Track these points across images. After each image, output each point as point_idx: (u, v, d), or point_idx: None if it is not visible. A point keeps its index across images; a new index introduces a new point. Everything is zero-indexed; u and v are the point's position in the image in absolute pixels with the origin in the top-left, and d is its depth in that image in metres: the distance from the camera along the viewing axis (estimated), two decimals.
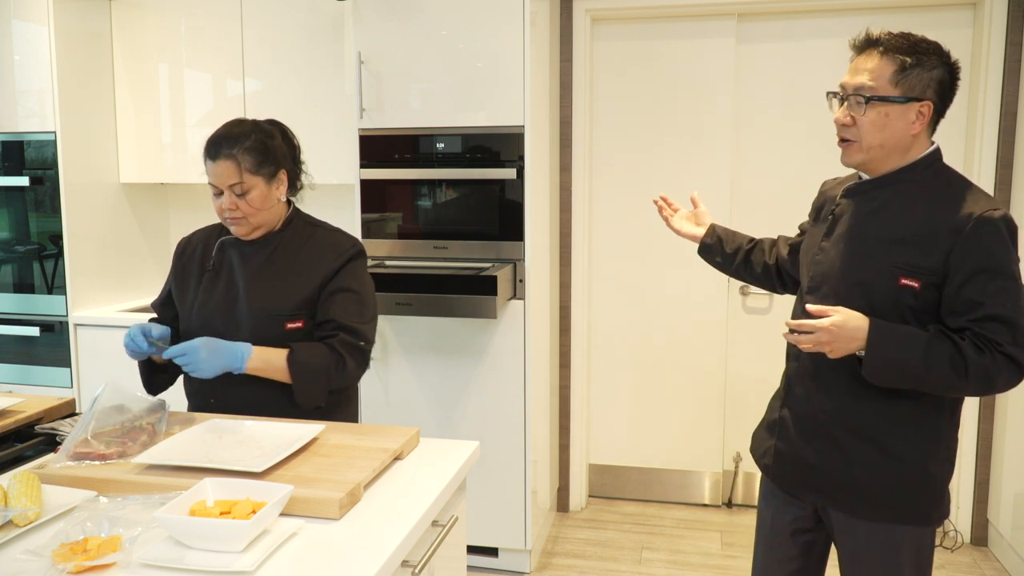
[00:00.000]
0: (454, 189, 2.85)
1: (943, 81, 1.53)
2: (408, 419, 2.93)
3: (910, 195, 1.53)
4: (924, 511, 1.56)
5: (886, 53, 1.51)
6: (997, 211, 1.46)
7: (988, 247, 1.44)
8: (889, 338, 1.46)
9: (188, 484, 1.30)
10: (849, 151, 1.56)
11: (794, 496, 1.69)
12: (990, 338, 1.43)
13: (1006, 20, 2.95)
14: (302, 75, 3.22)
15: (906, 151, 1.54)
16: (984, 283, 1.44)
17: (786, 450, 1.67)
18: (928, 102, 1.52)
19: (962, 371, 1.43)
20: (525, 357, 2.83)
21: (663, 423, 3.55)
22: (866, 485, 1.56)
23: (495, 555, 2.99)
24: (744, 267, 1.93)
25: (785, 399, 1.70)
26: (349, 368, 1.77)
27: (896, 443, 1.54)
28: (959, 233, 1.45)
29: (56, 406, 1.85)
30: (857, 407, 1.55)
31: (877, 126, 1.51)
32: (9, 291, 3.34)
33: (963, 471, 3.17)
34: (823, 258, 1.62)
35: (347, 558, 1.17)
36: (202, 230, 1.97)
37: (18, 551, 1.16)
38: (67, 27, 3.19)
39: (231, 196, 1.74)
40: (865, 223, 1.56)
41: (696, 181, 3.39)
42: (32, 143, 3.23)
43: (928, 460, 1.55)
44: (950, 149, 3.18)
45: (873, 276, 1.51)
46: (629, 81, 3.41)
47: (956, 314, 1.47)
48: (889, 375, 1.47)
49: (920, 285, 1.47)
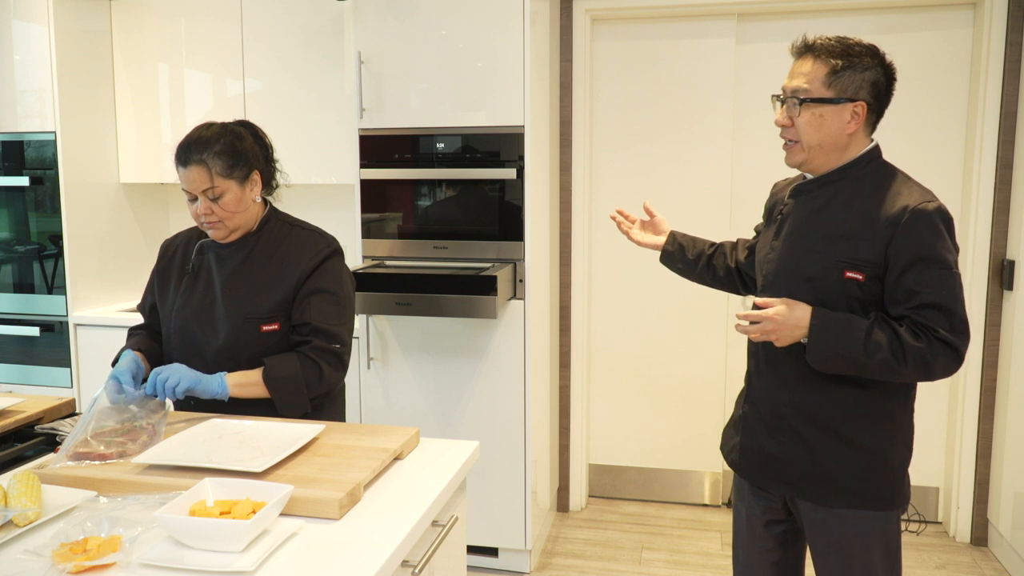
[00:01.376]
0: (454, 189, 2.85)
1: (877, 82, 1.59)
2: (408, 419, 2.93)
3: (851, 192, 1.60)
4: (887, 496, 1.61)
5: (819, 57, 1.58)
6: (932, 203, 1.52)
7: (923, 238, 1.50)
8: (830, 325, 1.52)
9: (188, 484, 1.30)
10: (791, 151, 1.63)
11: (763, 489, 1.74)
12: (927, 324, 1.49)
13: (1006, 20, 2.95)
14: (302, 75, 3.22)
15: (844, 150, 1.61)
16: (920, 272, 1.50)
17: (751, 444, 1.73)
18: (862, 102, 1.58)
19: (900, 356, 1.49)
20: (525, 357, 2.83)
21: (663, 423, 3.55)
22: (830, 473, 1.61)
23: (495, 555, 2.99)
24: (707, 271, 1.99)
25: (748, 395, 1.77)
26: (325, 374, 1.77)
27: (855, 432, 1.60)
28: (896, 225, 1.51)
29: (56, 406, 1.85)
30: (814, 399, 1.61)
31: (813, 126, 1.58)
32: (9, 291, 3.34)
33: (963, 471, 3.17)
34: (773, 256, 1.69)
35: (347, 558, 1.17)
36: (184, 232, 1.96)
37: (18, 551, 1.16)
38: (67, 27, 3.19)
39: (205, 201, 1.74)
40: (810, 221, 1.63)
41: (696, 181, 3.39)
42: (32, 143, 3.23)
43: (887, 447, 1.61)
44: (950, 149, 3.18)
45: (820, 271, 1.57)
46: (629, 81, 3.41)
47: (896, 303, 1.53)
48: (832, 361, 1.53)
49: (864, 277, 1.53)
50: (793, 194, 1.70)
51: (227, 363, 1.77)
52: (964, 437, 3.16)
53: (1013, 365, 2.96)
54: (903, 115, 3.20)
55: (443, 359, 2.91)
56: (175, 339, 1.84)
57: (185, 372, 1.67)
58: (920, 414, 3.30)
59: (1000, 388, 3.08)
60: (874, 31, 3.19)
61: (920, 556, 3.08)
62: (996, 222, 3.04)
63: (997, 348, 3.08)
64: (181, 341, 1.83)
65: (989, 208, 3.05)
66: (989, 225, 3.05)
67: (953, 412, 3.23)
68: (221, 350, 1.78)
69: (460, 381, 2.90)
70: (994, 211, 3.04)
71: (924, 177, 3.22)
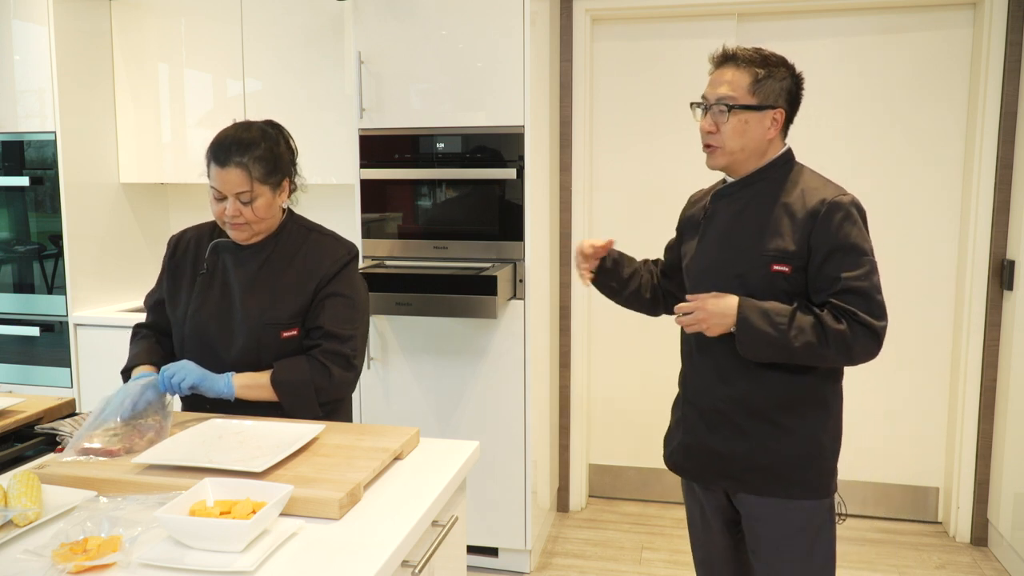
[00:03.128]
0: (454, 189, 2.85)
1: (791, 90, 1.68)
2: (408, 419, 2.93)
3: (770, 191, 1.69)
4: (818, 484, 1.68)
5: (740, 66, 1.67)
6: (846, 196, 1.63)
7: (841, 227, 1.59)
8: (756, 312, 1.59)
9: (188, 484, 1.30)
10: (713, 156, 1.71)
11: (706, 487, 1.81)
12: (847, 308, 1.57)
13: (1006, 20, 2.95)
14: (302, 75, 3.22)
15: (763, 154, 1.70)
16: (840, 260, 1.58)
17: (694, 443, 1.79)
18: (780, 109, 1.67)
19: (823, 339, 1.56)
20: (525, 357, 2.83)
21: (663, 423, 3.54)
22: (768, 464, 1.68)
23: (495, 555, 2.99)
24: (636, 293, 1.97)
25: (684, 396, 1.84)
26: (335, 377, 1.74)
27: (790, 419, 1.67)
28: (815, 217, 1.60)
29: (56, 406, 1.85)
30: (750, 389, 1.68)
31: (738, 132, 1.66)
32: (9, 291, 3.35)
33: (963, 471, 3.17)
34: (701, 258, 1.77)
35: (347, 558, 1.17)
36: (194, 228, 1.92)
37: (18, 551, 1.16)
38: (67, 27, 3.19)
39: (236, 203, 1.71)
40: (734, 221, 1.71)
41: (695, 181, 3.37)
42: (32, 143, 3.23)
43: (820, 433, 1.68)
44: (950, 149, 3.18)
45: (748, 267, 1.65)
46: (629, 81, 3.41)
47: (819, 291, 1.61)
48: (760, 346, 1.60)
49: (790, 269, 1.62)
50: (715, 198, 1.78)
51: (246, 368, 1.75)
52: (964, 437, 3.16)
53: (1013, 365, 2.96)
54: (903, 115, 3.20)
55: (443, 359, 2.91)
56: (190, 342, 1.81)
57: (192, 369, 1.67)
58: (920, 414, 3.33)
59: (1000, 388, 3.08)
60: (874, 31, 3.19)
61: (920, 556, 3.08)
62: (996, 222, 3.04)
63: (997, 348, 3.08)
64: (198, 344, 1.80)
65: (989, 208, 3.05)
66: (989, 225, 3.05)
67: (953, 412, 3.23)
68: (240, 355, 1.76)
69: (460, 381, 2.90)
70: (994, 211, 3.04)
71: (924, 177, 3.24)
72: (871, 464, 3.35)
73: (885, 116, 3.23)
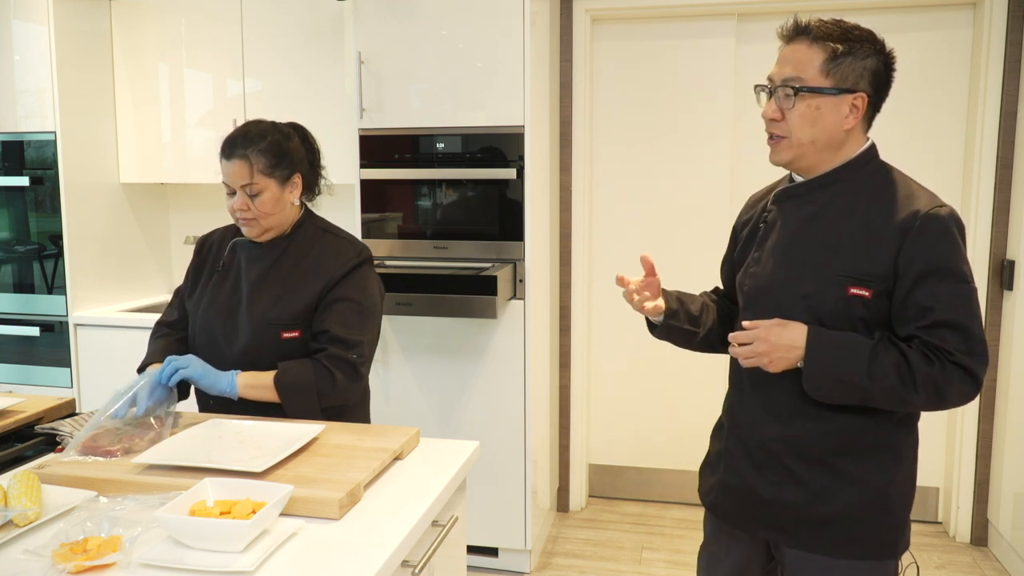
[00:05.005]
0: (454, 189, 2.85)
1: (877, 71, 1.41)
2: (408, 419, 2.93)
3: (849, 195, 1.40)
4: (885, 542, 1.42)
5: (816, 41, 1.38)
6: (944, 208, 1.34)
7: (937, 247, 1.32)
8: (830, 345, 1.34)
9: (188, 484, 1.30)
10: (778, 148, 1.43)
11: (745, 532, 1.55)
12: (940, 346, 1.31)
13: (1006, 20, 2.95)
14: (302, 75, 3.22)
15: (839, 148, 1.41)
16: (934, 286, 1.32)
17: (735, 483, 1.52)
18: (862, 94, 1.39)
19: (910, 383, 1.31)
20: (525, 357, 2.83)
21: (663, 423, 3.55)
22: (826, 517, 1.42)
23: (495, 555, 2.99)
24: (713, 331, 1.66)
25: (730, 429, 1.56)
26: (339, 383, 1.72)
27: (853, 467, 1.41)
28: (906, 233, 1.33)
29: (56, 406, 1.85)
30: (808, 431, 1.42)
31: (808, 120, 1.38)
32: (9, 291, 3.34)
33: (963, 471, 3.17)
34: (759, 270, 1.48)
35: (347, 558, 1.17)
36: (220, 229, 1.95)
37: (18, 551, 1.16)
38: (67, 27, 3.19)
39: (243, 196, 1.73)
40: (803, 229, 1.43)
41: (695, 181, 3.39)
42: (32, 143, 3.23)
43: (889, 485, 1.41)
44: (950, 149, 3.18)
45: (818, 287, 1.38)
46: (629, 81, 3.41)
47: (905, 321, 1.35)
48: (831, 387, 1.35)
49: (871, 294, 1.35)
50: (778, 199, 1.49)
51: (247, 367, 1.75)
52: (964, 437, 3.16)
53: (1013, 365, 2.96)
54: (903, 115, 3.20)
55: (443, 359, 2.91)
56: (199, 337, 1.82)
57: (195, 364, 1.67)
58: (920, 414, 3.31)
59: (1000, 388, 3.08)
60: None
61: (920, 556, 3.08)
62: (996, 222, 3.04)
63: (997, 348, 3.08)
64: (204, 339, 1.81)
65: (989, 208, 3.05)
66: (989, 225, 3.05)
67: (953, 412, 3.23)
68: (241, 353, 1.76)
69: (460, 381, 2.90)
70: (994, 211, 3.04)
71: (924, 177, 3.23)
72: None
73: (885, 116, 3.20)
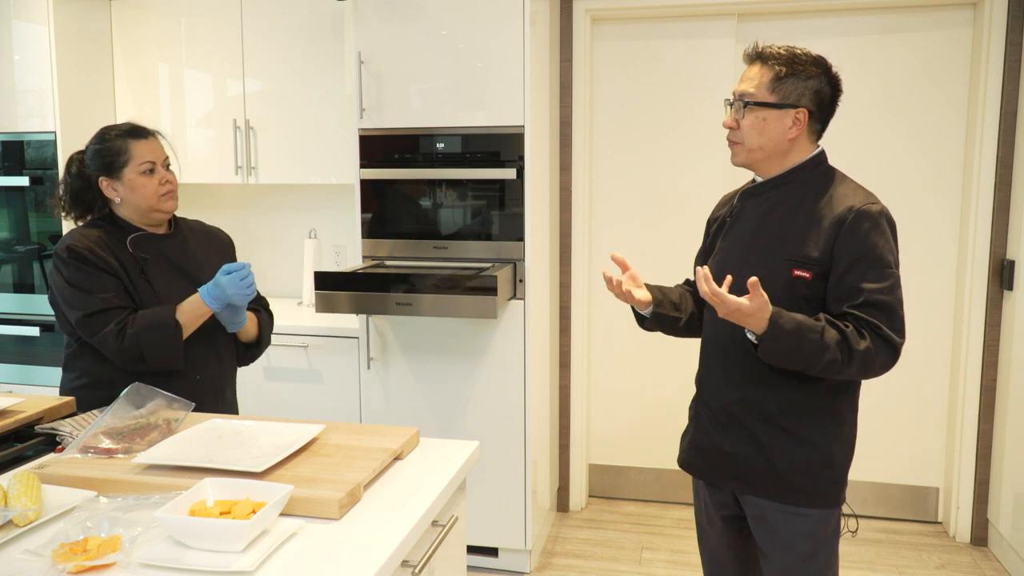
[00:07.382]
0: (454, 189, 2.85)
1: (820, 91, 1.64)
2: (408, 419, 2.93)
3: (798, 194, 1.66)
4: (829, 493, 1.67)
5: (765, 63, 1.66)
6: (876, 205, 1.59)
7: (868, 237, 1.56)
8: (786, 327, 1.52)
9: (188, 484, 1.30)
10: (735, 152, 1.71)
11: (714, 485, 1.81)
12: (870, 322, 1.53)
13: (1006, 20, 2.95)
14: (302, 75, 3.22)
15: (786, 154, 1.67)
16: (863, 271, 1.55)
17: (704, 442, 1.79)
18: (804, 109, 1.63)
19: (848, 357, 1.52)
20: (525, 357, 2.83)
21: (663, 423, 3.54)
22: (778, 470, 1.66)
23: (495, 555, 2.99)
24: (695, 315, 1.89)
25: (698, 395, 1.84)
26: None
27: (802, 427, 1.65)
28: (841, 224, 1.57)
29: (56, 406, 1.85)
30: (762, 395, 1.66)
31: (756, 129, 1.65)
32: (9, 291, 3.34)
33: (963, 471, 3.17)
34: (723, 257, 1.75)
35: (347, 558, 1.17)
36: (91, 235, 1.91)
37: (18, 551, 1.16)
38: (67, 27, 3.19)
39: (164, 170, 1.97)
40: (760, 221, 1.69)
41: (695, 181, 3.39)
42: (32, 143, 3.23)
43: (832, 443, 1.66)
44: (950, 149, 3.18)
45: (769, 270, 1.62)
46: (629, 81, 3.41)
47: (838, 300, 1.58)
48: (783, 359, 1.55)
49: (812, 275, 1.59)
50: (743, 197, 1.77)
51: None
52: (964, 437, 3.16)
53: (1013, 365, 2.96)
54: (903, 115, 3.20)
55: (443, 359, 2.91)
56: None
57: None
58: (920, 414, 3.32)
59: (1000, 388, 3.08)
60: (874, 31, 3.19)
61: (920, 556, 3.08)
62: (996, 222, 3.04)
63: (997, 348, 3.08)
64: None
65: (989, 208, 3.05)
66: (989, 225, 3.05)
67: (953, 412, 3.23)
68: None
69: (460, 381, 2.90)
70: (994, 211, 3.04)
71: (924, 176, 3.24)
72: (871, 464, 3.35)
73: (885, 116, 3.23)
